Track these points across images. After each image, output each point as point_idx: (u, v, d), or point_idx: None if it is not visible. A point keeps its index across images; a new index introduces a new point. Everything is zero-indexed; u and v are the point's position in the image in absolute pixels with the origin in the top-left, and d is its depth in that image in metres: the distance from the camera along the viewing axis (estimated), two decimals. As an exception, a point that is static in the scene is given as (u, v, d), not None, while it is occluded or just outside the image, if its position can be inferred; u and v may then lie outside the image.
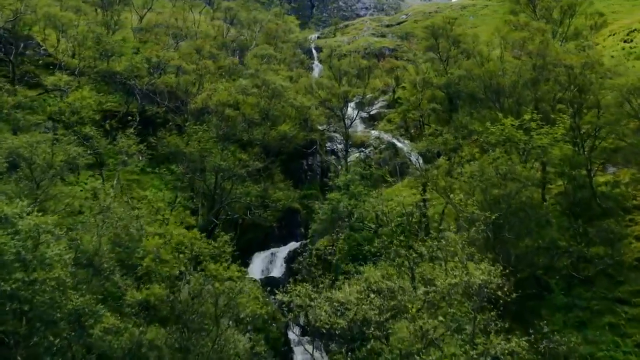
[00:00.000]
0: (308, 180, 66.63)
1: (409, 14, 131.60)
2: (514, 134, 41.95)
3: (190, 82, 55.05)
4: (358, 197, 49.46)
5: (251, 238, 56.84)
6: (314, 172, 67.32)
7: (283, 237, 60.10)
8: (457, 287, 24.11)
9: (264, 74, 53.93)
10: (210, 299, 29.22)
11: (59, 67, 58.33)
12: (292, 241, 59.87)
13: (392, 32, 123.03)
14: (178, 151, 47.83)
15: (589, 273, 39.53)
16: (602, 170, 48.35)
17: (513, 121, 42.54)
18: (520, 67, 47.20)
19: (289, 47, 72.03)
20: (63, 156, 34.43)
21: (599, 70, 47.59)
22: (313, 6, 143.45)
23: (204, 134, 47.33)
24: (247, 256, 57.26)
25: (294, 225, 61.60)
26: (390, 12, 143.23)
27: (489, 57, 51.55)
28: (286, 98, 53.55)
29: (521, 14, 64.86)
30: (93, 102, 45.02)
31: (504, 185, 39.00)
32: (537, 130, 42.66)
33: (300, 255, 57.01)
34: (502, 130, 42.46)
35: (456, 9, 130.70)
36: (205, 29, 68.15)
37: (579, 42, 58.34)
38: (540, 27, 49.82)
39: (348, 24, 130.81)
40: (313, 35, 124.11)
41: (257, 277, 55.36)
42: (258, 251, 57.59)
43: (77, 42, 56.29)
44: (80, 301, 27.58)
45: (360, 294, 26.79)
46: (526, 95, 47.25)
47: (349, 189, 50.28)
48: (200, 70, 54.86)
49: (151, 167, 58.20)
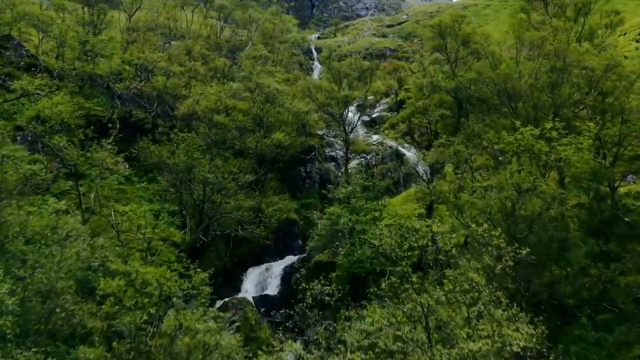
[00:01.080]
0: (306, 188, 60.58)
1: (410, 14, 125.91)
2: (534, 144, 35.92)
3: (179, 85, 48.96)
4: (359, 211, 43.57)
5: (245, 251, 50.88)
6: (312, 180, 61.29)
7: (279, 251, 54.22)
8: (488, 355, 18.09)
9: (258, 77, 47.86)
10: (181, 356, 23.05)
11: (40, 69, 52.46)
12: (289, 254, 54.03)
13: (393, 32, 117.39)
14: (162, 162, 41.80)
15: (622, 304, 33.51)
16: (622, 179, 42.43)
17: (533, 130, 36.49)
18: (537, 69, 41.14)
19: (286, 48, 65.86)
20: (15, 175, 28.25)
21: (622, 72, 41.57)
22: (313, 6, 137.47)
23: (191, 143, 41.23)
24: (240, 271, 51.57)
25: (291, 237, 55.66)
26: (391, 12, 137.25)
27: (501, 58, 45.50)
28: (281, 103, 47.56)
29: (532, 12, 58.91)
30: (66, 108, 38.82)
31: (525, 203, 32.98)
32: (558, 140, 36.68)
33: (297, 272, 51.38)
34: (520, 139, 36.43)
35: (458, 8, 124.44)
36: (198, 28, 62.02)
37: (599, 42, 52.30)
38: (560, 26, 43.71)
39: (348, 24, 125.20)
40: (313, 35, 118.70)
41: (251, 294, 49.82)
42: (253, 265, 51.80)
43: (59, 43, 50.17)
44: (23, 358, 21.55)
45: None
46: (544, 101, 41.22)
47: (350, 202, 44.35)
48: (190, 72, 48.83)
49: (138, 176, 52.29)
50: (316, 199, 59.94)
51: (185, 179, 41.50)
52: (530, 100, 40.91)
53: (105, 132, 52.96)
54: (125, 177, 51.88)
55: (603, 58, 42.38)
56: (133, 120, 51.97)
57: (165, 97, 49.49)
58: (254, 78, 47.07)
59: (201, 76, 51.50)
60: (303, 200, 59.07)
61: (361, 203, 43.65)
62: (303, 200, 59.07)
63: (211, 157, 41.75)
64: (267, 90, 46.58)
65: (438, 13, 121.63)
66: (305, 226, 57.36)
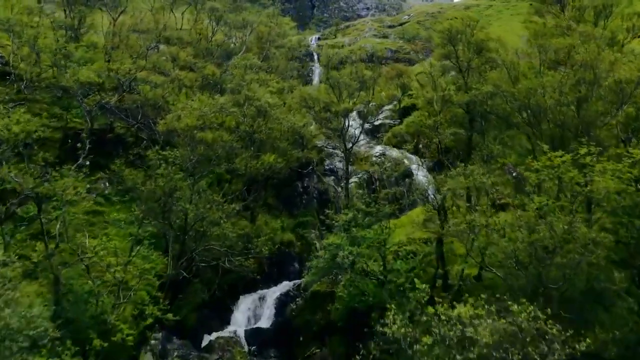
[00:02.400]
0: (304, 205, 53.70)
1: (412, 15, 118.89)
2: (566, 172, 29.18)
3: (161, 97, 42.05)
4: (361, 242, 36.87)
5: (236, 278, 43.81)
6: (310, 196, 54.43)
7: (274, 276, 47.52)
8: None
9: (249, 88, 40.94)
10: None
11: (13, 77, 45.68)
12: (285, 279, 47.44)
13: (395, 33, 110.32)
14: (136, 189, 35.08)
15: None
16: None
17: (565, 156, 29.72)
18: (564, 82, 34.23)
19: (283, 54, 58.87)
20: None
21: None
22: (314, 6, 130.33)
23: (169, 168, 34.41)
24: (231, 300, 44.83)
25: (287, 260, 48.94)
26: (392, 13, 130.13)
27: (519, 68, 38.53)
28: (274, 118, 40.74)
29: (548, 15, 51.95)
30: (26, 127, 32.03)
31: (561, 248, 26.24)
32: (593, 166, 29.93)
33: (293, 301, 44.73)
34: (550, 167, 29.69)
35: (459, 9, 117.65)
36: (188, 32, 55.00)
37: (618, 47, 45.26)
38: (588, 32, 36.76)
39: (349, 24, 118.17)
40: (314, 36, 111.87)
41: (242, 326, 43.21)
42: (244, 293, 45.10)
43: (31, 49, 43.31)
44: None
45: None
46: (571, 118, 34.38)
47: (350, 231, 37.62)
48: (174, 83, 42.00)
49: (119, 194, 45.45)
50: (314, 216, 53.12)
51: (163, 208, 34.67)
52: (556, 118, 34.07)
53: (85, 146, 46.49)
54: (103, 196, 45.41)
55: (636, 67, 35.58)
56: (114, 134, 45.22)
57: (146, 110, 42.60)
58: (244, 90, 40.21)
59: (188, 86, 44.59)
60: (300, 219, 52.26)
61: (363, 233, 36.95)
62: (300, 219, 52.26)
63: (194, 182, 34.89)
64: (258, 104, 39.72)
65: (440, 14, 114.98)
66: (302, 248, 50.64)
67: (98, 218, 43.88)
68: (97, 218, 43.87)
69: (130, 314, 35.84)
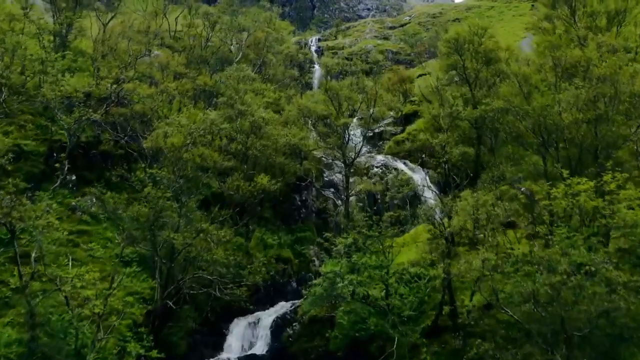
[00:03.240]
0: (302, 219, 50.12)
1: (413, 15, 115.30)
2: (591, 203, 25.62)
3: (150, 109, 38.44)
4: (362, 269, 33.39)
5: (230, 300, 40.12)
6: (308, 209, 50.82)
7: (270, 295, 43.89)
8: None
9: (243, 101, 37.28)
10: None
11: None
12: (282, 300, 43.73)
13: (396, 34, 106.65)
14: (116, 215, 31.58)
15: None
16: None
17: (587, 183, 26.16)
18: (582, 99, 30.56)
19: (280, 60, 55.10)
20: None
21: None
22: (314, 7, 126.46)
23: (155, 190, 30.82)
24: (224, 324, 41.11)
25: (284, 278, 45.38)
26: (393, 14, 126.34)
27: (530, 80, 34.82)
28: (269, 134, 37.18)
29: (557, 21, 48.10)
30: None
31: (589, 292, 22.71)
32: (617, 194, 26.38)
33: (290, 325, 41.07)
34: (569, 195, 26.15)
35: (461, 10, 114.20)
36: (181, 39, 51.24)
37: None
38: (607, 42, 33.06)
39: (350, 25, 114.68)
40: (314, 37, 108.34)
41: (235, 353, 39.54)
42: (238, 316, 41.28)
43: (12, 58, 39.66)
44: None
45: None
46: (590, 138, 30.76)
47: (350, 256, 34.13)
48: (162, 95, 38.42)
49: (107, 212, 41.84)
50: (312, 231, 49.53)
51: (148, 233, 31.15)
52: (574, 138, 30.48)
53: (71, 161, 42.91)
54: (90, 214, 41.75)
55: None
56: (100, 148, 41.72)
57: (133, 124, 39.02)
58: (237, 104, 36.61)
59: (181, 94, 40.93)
60: (298, 234, 48.68)
61: (364, 260, 33.45)
62: (298, 234, 48.68)
63: (181, 205, 31.31)
64: (252, 120, 36.13)
65: (441, 15, 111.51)
66: (300, 265, 47.15)
67: (83, 238, 40.43)
68: (82, 238, 40.41)
69: (113, 348, 32.44)
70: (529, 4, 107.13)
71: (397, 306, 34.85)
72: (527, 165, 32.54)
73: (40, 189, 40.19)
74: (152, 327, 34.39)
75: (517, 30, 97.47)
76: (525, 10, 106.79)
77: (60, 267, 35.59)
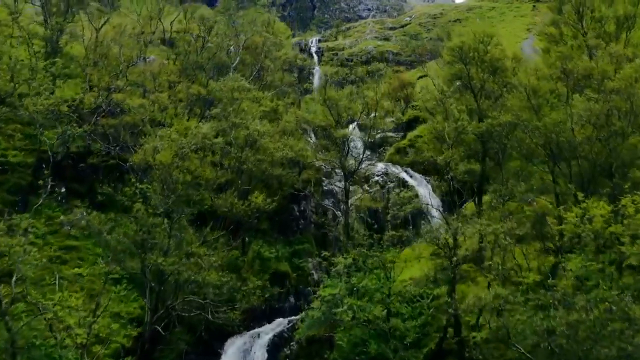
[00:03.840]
0: (300, 230, 47.71)
1: (413, 16, 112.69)
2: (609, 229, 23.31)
3: (141, 120, 36.06)
4: (363, 292, 31.07)
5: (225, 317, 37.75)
6: (307, 220, 48.40)
7: (266, 312, 41.54)
8: None
9: (236, 114, 34.85)
10: None
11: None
12: (279, 316, 41.46)
13: (396, 35, 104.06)
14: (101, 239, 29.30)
15: None
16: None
17: (603, 207, 23.84)
18: (594, 113, 28.15)
19: (278, 66, 52.58)
20: None
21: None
22: (314, 7, 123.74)
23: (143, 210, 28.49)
24: (218, 343, 38.79)
25: (282, 293, 43.00)
26: (393, 14, 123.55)
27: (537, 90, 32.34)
28: (265, 148, 34.84)
29: (564, 26, 45.58)
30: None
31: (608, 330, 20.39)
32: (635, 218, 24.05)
33: (287, 345, 38.84)
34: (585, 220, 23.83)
35: (462, 10, 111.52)
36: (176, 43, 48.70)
37: None
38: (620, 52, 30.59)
39: (350, 26, 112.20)
40: (314, 37, 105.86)
41: (230, 375, 37.38)
42: (233, 335, 38.98)
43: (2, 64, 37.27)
44: None
45: None
46: (604, 155, 28.36)
47: (350, 277, 31.85)
48: (153, 106, 36.03)
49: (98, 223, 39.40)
50: (311, 243, 47.19)
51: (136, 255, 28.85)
52: (588, 156, 28.11)
53: (60, 173, 40.61)
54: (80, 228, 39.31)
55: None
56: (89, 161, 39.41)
57: (124, 135, 36.69)
58: (230, 117, 34.24)
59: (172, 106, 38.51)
60: (296, 246, 46.30)
61: (364, 283, 31.15)
62: (296, 246, 46.30)
63: (170, 225, 28.96)
64: (246, 133, 33.78)
65: (442, 15, 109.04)
66: (298, 279, 44.80)
67: (71, 254, 38.14)
68: (70, 254, 38.12)
69: (99, 376, 30.19)
70: (531, 5, 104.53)
71: (399, 329, 32.63)
72: (536, 181, 30.17)
73: (28, 202, 38.31)
74: (142, 350, 32.25)
75: (519, 31, 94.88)
76: (526, 11, 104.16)
77: (45, 287, 33.82)
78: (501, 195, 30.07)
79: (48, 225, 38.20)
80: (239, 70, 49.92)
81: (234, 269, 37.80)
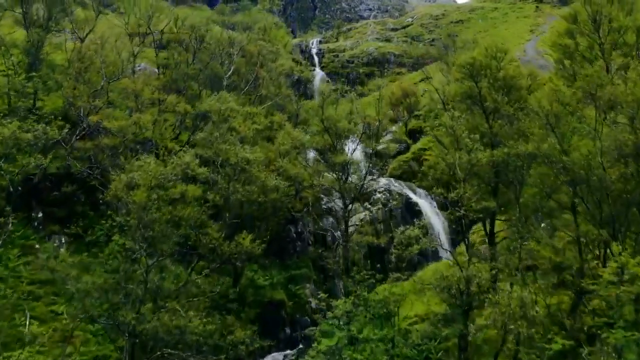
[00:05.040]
0: (297, 253, 43.43)
1: (415, 17, 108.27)
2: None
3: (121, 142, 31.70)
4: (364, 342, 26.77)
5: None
6: (304, 242, 44.10)
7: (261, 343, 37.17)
8: None
9: (223, 139, 30.43)
10: None
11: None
12: (274, 350, 37.35)
13: (398, 36, 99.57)
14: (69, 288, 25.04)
15: None
16: None
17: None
18: (630, 145, 23.69)
19: (274, 76, 47.95)
20: None
21: None
22: (315, 7, 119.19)
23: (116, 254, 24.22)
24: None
25: (277, 323, 38.85)
26: (395, 14, 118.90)
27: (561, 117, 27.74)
28: (255, 178, 30.43)
29: (580, 37, 40.97)
30: None
31: None
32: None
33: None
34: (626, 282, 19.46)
35: (464, 11, 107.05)
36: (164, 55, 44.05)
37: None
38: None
39: (351, 27, 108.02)
40: (315, 38, 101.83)
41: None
42: (225, 369, 34.77)
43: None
44: None
45: None
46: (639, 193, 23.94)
47: (349, 326, 27.56)
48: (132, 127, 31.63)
49: (78, 251, 35.09)
50: (309, 268, 43.01)
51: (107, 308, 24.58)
52: (621, 194, 23.71)
53: (37, 195, 36.43)
54: (58, 257, 34.95)
55: None
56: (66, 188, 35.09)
57: (101, 158, 32.37)
58: (216, 143, 29.83)
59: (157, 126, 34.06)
60: (292, 271, 42.07)
61: (366, 333, 26.86)
62: (292, 271, 42.07)
63: (146, 270, 24.64)
64: (234, 161, 29.39)
65: (444, 16, 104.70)
66: (294, 307, 40.56)
67: (46, 288, 33.80)
68: (44, 288, 33.78)
69: None
70: (534, 6, 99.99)
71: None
72: (559, 221, 25.77)
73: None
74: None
75: (522, 32, 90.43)
76: (529, 11, 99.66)
77: (14, 328, 29.98)
78: (520, 235, 25.66)
79: (21, 257, 34.09)
80: (233, 81, 45.36)
81: (223, 305, 33.62)
